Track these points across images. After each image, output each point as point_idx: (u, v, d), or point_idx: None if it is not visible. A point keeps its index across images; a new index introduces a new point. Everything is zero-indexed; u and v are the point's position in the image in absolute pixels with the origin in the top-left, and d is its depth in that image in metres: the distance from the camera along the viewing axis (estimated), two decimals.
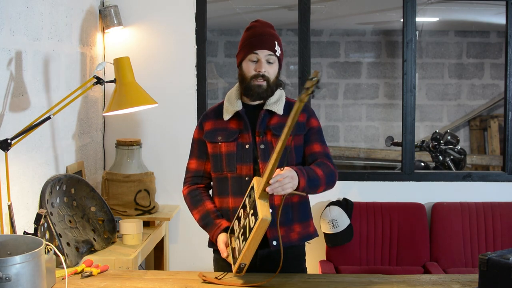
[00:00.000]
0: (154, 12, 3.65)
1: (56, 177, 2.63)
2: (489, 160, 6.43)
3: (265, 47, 2.17)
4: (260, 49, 2.17)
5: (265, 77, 2.18)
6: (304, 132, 2.24)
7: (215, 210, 2.24)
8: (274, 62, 2.20)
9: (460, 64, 6.74)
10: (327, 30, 6.76)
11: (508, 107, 3.76)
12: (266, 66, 2.18)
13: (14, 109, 2.40)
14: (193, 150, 2.33)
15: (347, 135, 6.86)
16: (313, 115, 2.29)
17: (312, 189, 2.09)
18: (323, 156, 2.22)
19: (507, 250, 1.87)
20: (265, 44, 2.18)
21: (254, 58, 2.18)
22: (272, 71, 2.20)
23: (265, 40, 2.19)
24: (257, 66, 2.18)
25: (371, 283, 2.05)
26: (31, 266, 1.72)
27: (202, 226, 2.25)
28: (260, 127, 2.20)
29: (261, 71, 2.17)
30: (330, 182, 2.16)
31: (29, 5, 2.53)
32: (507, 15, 3.75)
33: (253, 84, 2.18)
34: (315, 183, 2.08)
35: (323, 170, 2.14)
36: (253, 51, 2.18)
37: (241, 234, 2.01)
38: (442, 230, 3.60)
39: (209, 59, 5.02)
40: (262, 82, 2.18)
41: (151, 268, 3.65)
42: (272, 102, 2.22)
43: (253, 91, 2.18)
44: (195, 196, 2.28)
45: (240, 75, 2.23)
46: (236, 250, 2.04)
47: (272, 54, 2.18)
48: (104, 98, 3.61)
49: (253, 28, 2.24)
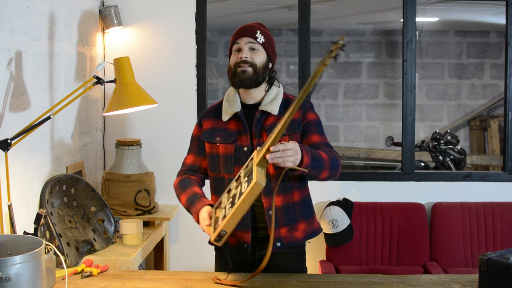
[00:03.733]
0: (154, 12, 3.65)
1: (56, 177, 2.63)
2: (489, 160, 6.43)
3: (245, 35, 2.18)
4: (240, 37, 2.19)
5: (249, 62, 2.15)
6: (299, 130, 2.19)
7: (202, 194, 2.21)
8: (258, 49, 2.18)
9: (460, 64, 6.74)
10: (327, 30, 6.76)
11: (508, 107, 3.76)
12: (249, 52, 2.17)
13: (14, 109, 2.40)
14: (192, 146, 2.33)
15: (347, 135, 6.86)
16: (310, 109, 2.24)
17: (316, 170, 1.98)
18: (323, 146, 2.16)
19: (507, 250, 1.87)
20: (245, 33, 2.19)
21: (237, 47, 2.19)
22: (258, 59, 2.17)
23: (246, 29, 2.20)
24: (240, 54, 2.17)
25: (371, 283, 2.05)
26: (31, 266, 1.72)
27: (187, 207, 2.19)
28: (256, 129, 2.18)
29: (242, 56, 2.16)
30: (334, 167, 2.06)
31: (29, 5, 2.53)
32: (507, 15, 3.75)
33: (237, 71, 2.16)
34: (318, 164, 1.98)
35: (328, 154, 2.06)
36: (234, 42, 2.20)
37: (229, 203, 1.93)
38: (442, 230, 3.60)
39: (209, 59, 5.02)
40: (247, 67, 2.15)
41: (151, 268, 3.65)
42: (267, 102, 2.19)
43: (237, 77, 2.15)
44: (184, 183, 2.27)
45: (228, 69, 2.23)
46: (220, 218, 1.94)
47: (253, 42, 2.17)
48: (104, 98, 3.61)
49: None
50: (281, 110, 2.19)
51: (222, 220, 1.89)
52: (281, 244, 2.16)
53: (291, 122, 2.11)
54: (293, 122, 2.16)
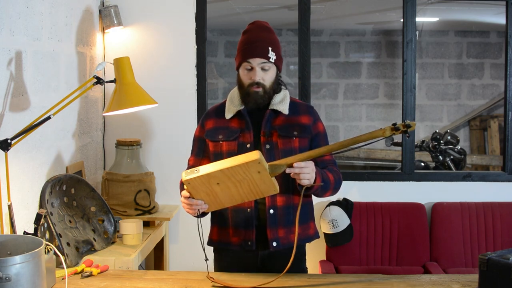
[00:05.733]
0: (154, 12, 3.65)
1: (56, 177, 2.63)
2: (489, 160, 6.43)
3: (257, 56, 2.15)
4: (252, 57, 2.15)
5: (261, 84, 2.16)
6: (309, 136, 2.23)
7: None
8: (270, 68, 2.17)
9: (460, 64, 6.74)
10: (327, 30, 6.76)
11: (508, 107, 3.75)
12: (261, 73, 2.16)
13: (14, 109, 2.40)
14: (193, 147, 2.35)
15: (347, 135, 6.86)
16: (319, 118, 2.29)
17: (322, 191, 2.15)
18: (332, 164, 2.25)
19: (507, 250, 1.87)
20: (257, 53, 2.14)
21: (248, 66, 2.17)
22: (268, 77, 2.18)
23: (258, 47, 2.15)
24: (252, 75, 2.16)
25: (371, 283, 2.05)
26: (31, 266, 1.72)
27: (180, 191, 2.19)
28: (266, 127, 2.19)
29: (255, 79, 2.15)
30: (336, 188, 2.21)
31: (29, 5, 2.53)
32: (507, 15, 3.75)
33: (250, 91, 2.17)
34: (325, 186, 2.13)
35: (334, 176, 2.18)
36: (246, 60, 2.16)
37: None
38: (442, 230, 3.60)
39: (209, 59, 5.02)
40: (258, 88, 2.17)
41: (151, 268, 3.65)
42: (277, 102, 2.22)
43: (251, 97, 2.17)
44: None
45: (238, 81, 2.23)
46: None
47: (266, 62, 2.16)
48: (104, 98, 3.61)
49: (248, 33, 2.21)
50: (289, 110, 2.22)
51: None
52: (277, 244, 2.17)
53: (302, 126, 2.22)
54: (303, 127, 2.21)
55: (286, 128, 2.19)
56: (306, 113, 2.26)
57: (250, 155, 1.89)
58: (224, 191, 1.95)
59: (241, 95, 2.22)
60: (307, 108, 2.29)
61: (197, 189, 1.96)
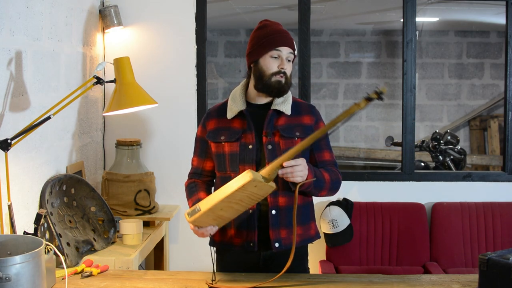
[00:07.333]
0: (154, 12, 3.65)
1: (56, 177, 2.63)
2: (489, 160, 6.44)
3: (287, 44, 2.15)
4: (283, 46, 2.14)
5: (286, 74, 2.16)
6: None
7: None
8: (291, 61, 2.19)
9: (460, 64, 6.74)
10: (327, 30, 6.76)
11: (508, 107, 3.76)
12: (286, 63, 2.16)
13: (14, 109, 2.40)
14: (195, 147, 2.34)
15: (347, 135, 6.86)
16: (321, 118, 2.28)
17: (316, 189, 2.12)
18: (332, 165, 2.24)
19: (507, 250, 1.87)
20: (288, 42, 2.15)
21: (276, 54, 2.14)
22: (289, 70, 2.18)
23: (287, 37, 2.16)
24: (280, 63, 2.14)
25: (371, 283, 2.05)
26: (31, 266, 1.72)
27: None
28: (268, 127, 2.18)
29: (284, 68, 2.14)
30: (333, 188, 2.19)
31: (29, 5, 2.53)
32: (507, 15, 3.75)
33: (273, 80, 2.14)
34: (319, 184, 2.11)
35: (330, 176, 2.16)
36: (275, 48, 2.13)
37: None
38: (442, 230, 3.60)
39: (209, 59, 5.02)
40: (282, 78, 2.15)
41: (151, 268, 3.65)
42: (279, 102, 2.20)
43: (274, 87, 2.14)
44: (191, 188, 2.29)
45: (257, 73, 2.17)
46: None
47: (292, 52, 2.17)
48: (104, 98, 3.61)
49: (268, 27, 2.19)
50: (292, 111, 2.22)
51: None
52: (280, 245, 2.16)
53: (304, 126, 2.21)
54: (305, 127, 2.20)
55: (288, 129, 2.18)
56: (308, 113, 2.25)
57: (243, 177, 1.86)
58: (228, 211, 1.99)
59: (260, 86, 2.17)
60: (309, 108, 2.28)
61: (203, 222, 2.02)
